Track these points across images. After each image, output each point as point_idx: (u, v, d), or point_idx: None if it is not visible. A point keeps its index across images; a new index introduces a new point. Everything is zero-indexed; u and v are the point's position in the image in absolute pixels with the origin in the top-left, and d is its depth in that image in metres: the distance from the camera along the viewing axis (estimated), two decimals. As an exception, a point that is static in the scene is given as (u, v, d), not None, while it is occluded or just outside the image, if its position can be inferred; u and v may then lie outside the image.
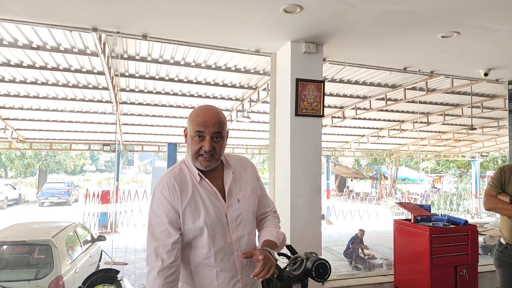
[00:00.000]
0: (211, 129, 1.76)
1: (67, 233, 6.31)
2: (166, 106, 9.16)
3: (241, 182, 1.94)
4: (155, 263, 1.70)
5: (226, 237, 1.82)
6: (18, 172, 30.00)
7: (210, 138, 1.76)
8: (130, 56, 5.95)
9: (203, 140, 1.76)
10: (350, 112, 10.09)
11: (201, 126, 1.75)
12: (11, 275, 5.28)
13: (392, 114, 10.73)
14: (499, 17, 3.41)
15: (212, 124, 1.76)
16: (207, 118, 1.77)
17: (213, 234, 1.79)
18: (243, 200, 1.90)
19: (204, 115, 1.79)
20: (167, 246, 1.72)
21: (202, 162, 1.79)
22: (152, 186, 26.56)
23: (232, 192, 1.88)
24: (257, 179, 2.04)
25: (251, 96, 8.22)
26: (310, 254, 2.80)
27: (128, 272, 8.95)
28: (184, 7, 3.28)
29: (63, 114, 9.76)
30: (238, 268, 1.84)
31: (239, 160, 2.03)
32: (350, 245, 10.40)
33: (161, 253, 1.71)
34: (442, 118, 10.65)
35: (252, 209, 1.93)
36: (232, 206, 1.86)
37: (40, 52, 5.75)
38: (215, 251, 1.80)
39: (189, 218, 1.77)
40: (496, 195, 3.14)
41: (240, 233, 1.86)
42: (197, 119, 1.78)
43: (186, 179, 1.83)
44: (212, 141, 1.77)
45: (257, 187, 2.01)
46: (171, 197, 1.77)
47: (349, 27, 3.66)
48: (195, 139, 1.77)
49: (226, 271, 1.82)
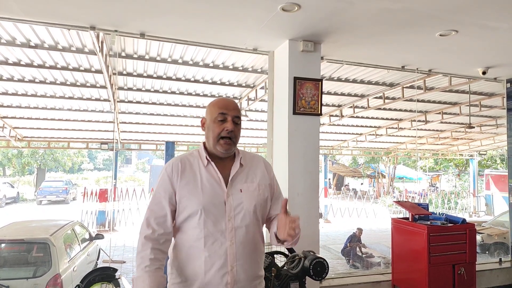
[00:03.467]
0: (232, 112, 1.90)
1: (65, 231, 6.31)
2: (164, 104, 9.14)
3: (249, 174, 1.98)
4: (146, 230, 1.84)
5: (219, 224, 1.84)
6: (16, 170, 29.95)
7: (232, 120, 1.89)
8: (128, 55, 5.93)
9: (225, 122, 1.89)
10: (348, 111, 10.10)
11: (224, 109, 1.90)
12: (9, 273, 5.28)
13: (390, 113, 10.73)
14: (498, 16, 3.42)
15: (233, 108, 1.92)
16: (229, 103, 1.94)
17: (205, 217, 1.83)
18: (246, 191, 1.92)
19: (226, 100, 1.96)
20: (158, 218, 1.86)
21: (224, 145, 1.89)
22: (150, 185, 26.58)
23: (235, 181, 1.92)
24: (271, 179, 2.06)
25: (249, 95, 8.21)
26: (308, 252, 2.81)
27: (126, 270, 8.95)
28: (182, 6, 3.27)
29: (61, 112, 9.73)
30: (229, 259, 1.81)
31: (253, 156, 2.10)
32: (348, 244, 10.41)
33: (152, 223, 1.85)
34: (440, 116, 10.66)
35: (255, 203, 1.92)
36: (233, 195, 1.88)
37: (38, 51, 5.73)
38: (205, 233, 1.83)
39: (184, 197, 1.86)
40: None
41: (238, 224, 1.86)
42: (219, 104, 1.93)
43: (193, 162, 1.94)
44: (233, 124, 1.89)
45: (267, 185, 2.01)
46: (172, 175, 1.89)
47: (347, 25, 3.66)
48: (218, 122, 1.89)
49: (215, 258, 1.81)
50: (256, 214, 1.92)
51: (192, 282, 1.82)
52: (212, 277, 1.80)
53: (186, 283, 1.84)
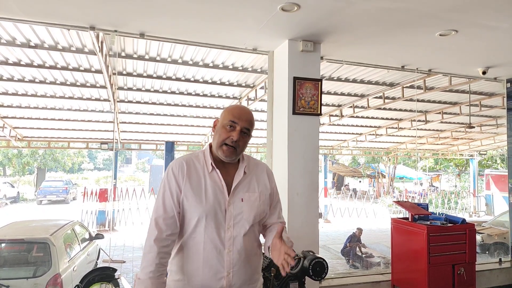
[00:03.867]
0: (243, 123, 1.91)
1: (65, 231, 6.31)
2: (164, 104, 9.14)
3: (251, 183, 1.99)
4: (154, 231, 1.84)
5: (219, 231, 1.87)
6: (16, 170, 29.94)
7: (240, 130, 1.90)
8: (127, 55, 5.93)
9: (233, 130, 1.90)
10: (348, 111, 10.09)
11: (236, 118, 1.91)
12: (10, 273, 5.28)
13: (390, 113, 10.72)
14: (497, 15, 3.42)
15: (245, 119, 1.92)
16: (243, 113, 1.94)
17: (206, 224, 1.86)
18: (247, 201, 1.94)
19: (241, 110, 1.96)
20: (167, 219, 1.86)
21: (225, 151, 1.91)
22: (150, 185, 26.56)
23: (238, 190, 1.94)
24: (272, 188, 2.08)
25: (248, 95, 8.21)
26: (307, 252, 2.80)
27: (126, 270, 8.94)
28: (182, 6, 3.27)
29: (61, 112, 9.73)
30: (226, 265, 1.86)
31: (258, 164, 2.10)
32: (348, 244, 10.41)
33: (160, 223, 1.85)
34: (440, 116, 10.65)
35: (255, 214, 1.94)
36: (234, 203, 1.91)
37: (38, 51, 5.73)
38: (204, 239, 1.85)
39: (188, 199, 1.88)
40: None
41: (236, 233, 1.89)
42: (234, 111, 1.94)
43: (198, 166, 1.95)
44: (240, 134, 1.90)
45: (267, 195, 2.03)
46: (178, 175, 1.91)
47: (347, 25, 3.66)
48: (226, 128, 1.91)
49: (212, 263, 1.85)
50: (255, 224, 1.96)
51: (190, 281, 1.86)
52: (209, 279, 1.84)
53: (184, 281, 1.88)
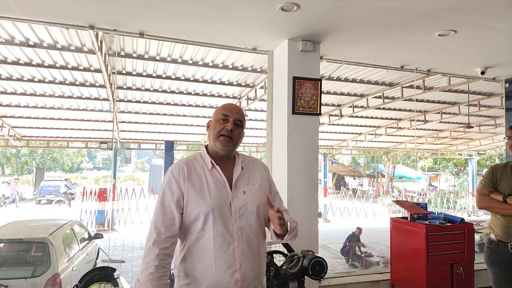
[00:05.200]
0: (235, 115, 2.01)
1: (64, 231, 6.31)
2: (164, 104, 9.14)
3: (250, 177, 2.08)
4: (153, 234, 1.88)
5: (227, 225, 1.92)
6: (14, 169, 29.88)
7: (233, 122, 2.00)
8: (127, 54, 5.93)
9: (227, 122, 2.00)
10: (347, 110, 10.11)
11: (228, 111, 2.02)
12: (8, 273, 5.28)
13: (389, 112, 10.74)
14: (496, 15, 3.42)
15: (236, 112, 2.03)
16: (233, 107, 2.06)
17: (214, 219, 1.90)
18: (249, 193, 2.01)
19: (231, 104, 2.10)
20: (166, 221, 1.90)
21: (222, 141, 1.98)
22: (150, 184, 26.58)
23: (239, 183, 2.02)
24: (269, 181, 2.17)
25: (248, 94, 8.22)
26: (306, 252, 2.81)
27: (125, 270, 8.95)
28: (181, 5, 3.27)
29: (60, 111, 9.73)
30: (237, 257, 1.90)
31: (252, 160, 2.19)
32: (347, 243, 10.43)
33: (159, 226, 1.89)
34: (439, 116, 10.67)
35: (258, 204, 2.01)
36: (237, 197, 1.98)
37: (37, 50, 5.73)
38: (214, 234, 1.90)
39: (192, 200, 1.92)
40: (489, 194, 3.15)
41: (243, 224, 1.95)
42: (225, 106, 2.06)
43: (197, 166, 2.02)
44: (234, 125, 1.99)
45: (266, 187, 2.12)
46: (179, 178, 1.96)
47: (346, 25, 3.66)
48: (220, 122, 2.01)
49: (224, 258, 1.89)
50: (259, 214, 2.02)
51: (202, 282, 1.89)
52: (222, 275, 1.87)
53: (195, 284, 1.90)
